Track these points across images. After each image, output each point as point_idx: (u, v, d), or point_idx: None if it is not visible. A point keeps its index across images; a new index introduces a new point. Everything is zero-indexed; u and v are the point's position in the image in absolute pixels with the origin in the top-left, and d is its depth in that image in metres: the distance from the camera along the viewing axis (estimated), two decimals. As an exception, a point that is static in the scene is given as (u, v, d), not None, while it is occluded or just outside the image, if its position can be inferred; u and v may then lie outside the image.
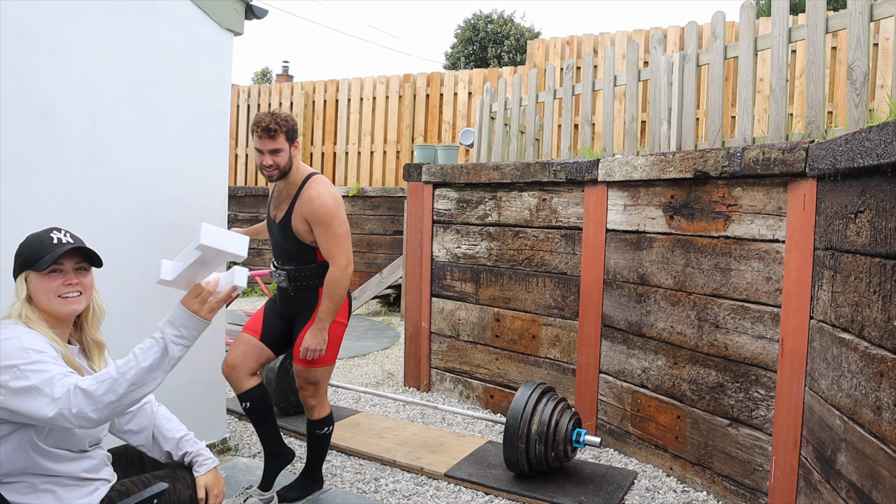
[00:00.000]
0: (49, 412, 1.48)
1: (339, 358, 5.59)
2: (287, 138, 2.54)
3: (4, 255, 2.29)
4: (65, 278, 1.67)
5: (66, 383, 1.51)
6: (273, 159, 2.53)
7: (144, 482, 1.78)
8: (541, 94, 4.61)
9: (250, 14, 3.29)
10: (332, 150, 9.51)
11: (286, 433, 3.68)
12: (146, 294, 2.81)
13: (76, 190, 2.54)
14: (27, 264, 1.66)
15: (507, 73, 8.74)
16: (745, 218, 2.81)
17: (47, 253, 1.64)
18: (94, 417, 1.50)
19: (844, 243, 2.16)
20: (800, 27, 2.98)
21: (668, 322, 3.20)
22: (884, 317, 1.84)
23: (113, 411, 1.53)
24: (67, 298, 1.68)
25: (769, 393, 2.70)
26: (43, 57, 2.39)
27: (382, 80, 9.16)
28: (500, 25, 20.02)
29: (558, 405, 3.07)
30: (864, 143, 1.93)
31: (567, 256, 3.81)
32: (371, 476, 3.16)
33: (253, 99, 10.05)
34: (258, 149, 2.54)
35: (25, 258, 1.67)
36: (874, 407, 1.87)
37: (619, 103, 6.82)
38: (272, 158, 2.53)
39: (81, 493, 1.68)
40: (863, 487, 1.90)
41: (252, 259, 9.53)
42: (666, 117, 3.67)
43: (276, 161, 2.54)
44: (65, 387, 1.50)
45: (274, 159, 2.53)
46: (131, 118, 2.75)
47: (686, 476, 3.12)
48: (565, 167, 3.72)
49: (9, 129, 2.29)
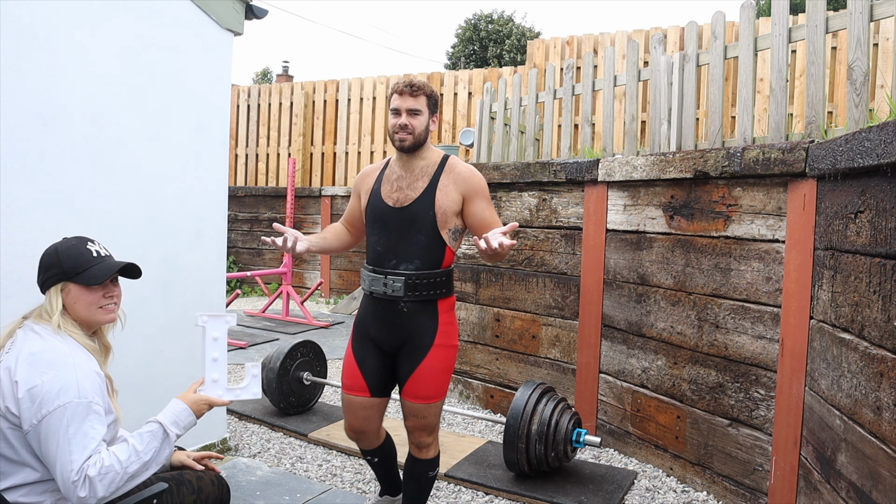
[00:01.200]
0: (61, 480, 1.52)
1: (339, 358, 5.59)
2: (428, 104, 2.24)
3: (4, 255, 2.30)
4: (105, 291, 1.72)
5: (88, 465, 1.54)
6: (409, 120, 2.19)
7: (146, 483, 1.78)
8: (541, 94, 4.61)
9: (250, 14, 3.29)
10: (332, 150, 9.51)
11: (286, 433, 3.69)
12: (146, 294, 2.81)
13: (76, 190, 2.54)
14: (67, 275, 1.67)
15: (507, 73, 8.74)
16: (745, 218, 2.81)
17: (90, 266, 1.68)
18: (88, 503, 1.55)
19: (844, 243, 2.16)
20: (800, 27, 2.99)
21: (668, 322, 3.20)
22: (884, 317, 1.84)
23: (102, 500, 1.58)
24: (107, 308, 1.73)
25: (769, 393, 2.70)
26: (43, 57, 2.40)
27: (382, 80, 9.16)
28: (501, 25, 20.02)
29: (558, 405, 3.07)
30: (864, 143, 1.93)
31: (567, 256, 3.81)
32: (371, 476, 3.16)
33: (253, 99, 10.05)
34: (394, 108, 2.21)
35: (65, 269, 1.67)
36: (874, 407, 1.87)
37: (619, 103, 6.82)
38: (408, 118, 2.19)
39: None
40: (863, 487, 1.90)
41: (252, 259, 9.54)
42: (666, 117, 3.67)
43: (413, 123, 2.19)
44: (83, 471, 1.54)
45: (410, 120, 2.19)
46: (131, 118, 2.75)
47: (686, 476, 3.12)
48: (565, 167, 3.72)
49: (9, 129, 2.29)
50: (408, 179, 2.25)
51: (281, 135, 9.80)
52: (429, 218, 2.18)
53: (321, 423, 3.78)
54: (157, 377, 2.89)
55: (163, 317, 2.92)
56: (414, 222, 2.20)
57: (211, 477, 1.90)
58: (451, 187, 2.21)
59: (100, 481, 1.53)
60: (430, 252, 2.21)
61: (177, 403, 1.75)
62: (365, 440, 2.42)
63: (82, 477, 1.52)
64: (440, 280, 2.22)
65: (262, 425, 3.80)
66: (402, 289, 2.18)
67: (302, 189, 9.07)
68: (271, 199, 9.39)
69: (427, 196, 2.20)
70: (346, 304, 7.97)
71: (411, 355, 2.24)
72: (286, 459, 3.33)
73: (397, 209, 2.23)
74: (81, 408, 1.55)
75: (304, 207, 9.14)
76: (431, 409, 2.27)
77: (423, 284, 2.19)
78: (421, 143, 2.24)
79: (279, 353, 3.84)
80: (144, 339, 2.84)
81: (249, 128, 10.09)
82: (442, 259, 2.23)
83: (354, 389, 2.34)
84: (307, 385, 3.95)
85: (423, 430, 2.30)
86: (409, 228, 2.20)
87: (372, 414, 2.37)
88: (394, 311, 2.23)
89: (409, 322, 2.23)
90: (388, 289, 2.21)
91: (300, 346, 3.96)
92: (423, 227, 2.19)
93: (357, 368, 2.34)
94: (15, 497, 1.59)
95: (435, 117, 2.28)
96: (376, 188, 2.32)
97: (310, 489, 2.93)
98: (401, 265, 2.21)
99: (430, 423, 2.30)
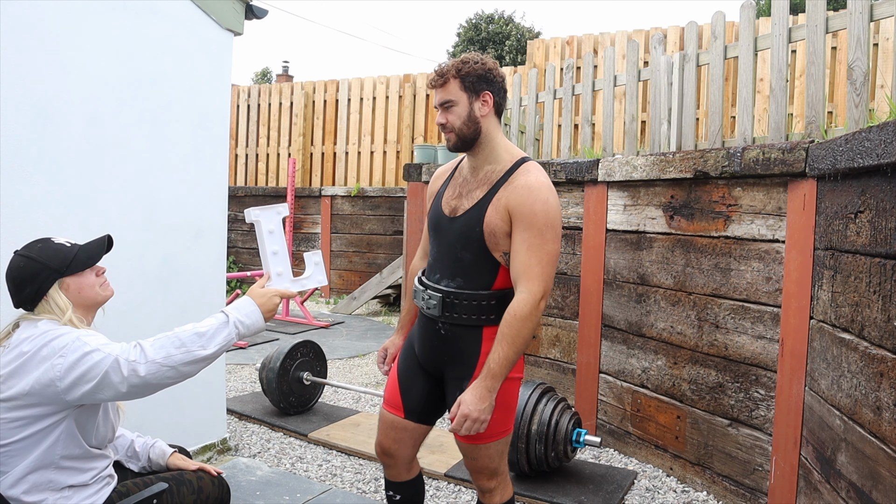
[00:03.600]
0: (109, 359, 1.55)
1: (339, 358, 5.58)
2: (463, 86, 1.79)
3: (4, 255, 2.29)
4: (96, 270, 1.77)
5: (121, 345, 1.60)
6: (446, 116, 1.81)
7: (146, 483, 1.78)
8: (541, 94, 4.61)
9: (250, 14, 3.29)
10: (332, 150, 9.51)
11: (286, 433, 3.69)
12: (146, 294, 2.82)
13: (76, 190, 2.54)
14: (59, 272, 1.67)
15: (507, 73, 8.74)
16: (745, 218, 2.81)
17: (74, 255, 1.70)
18: (142, 374, 1.57)
19: (844, 243, 2.15)
20: (800, 27, 2.99)
21: (668, 322, 3.20)
22: (884, 317, 1.84)
23: (158, 373, 1.58)
24: (104, 285, 1.78)
25: (769, 393, 2.70)
26: (43, 57, 2.39)
27: (382, 80, 9.16)
28: (501, 26, 20.02)
29: (558, 405, 3.07)
30: (864, 143, 1.93)
31: (567, 256, 3.81)
32: (371, 476, 3.16)
33: (253, 99, 10.05)
34: (435, 105, 1.87)
35: (54, 268, 1.67)
36: (874, 407, 1.87)
37: (619, 103, 6.82)
38: (444, 115, 1.82)
39: (87, 493, 1.68)
40: (863, 487, 1.90)
41: (252, 259, 9.54)
42: (666, 117, 3.67)
43: (450, 120, 1.80)
44: (120, 345, 1.59)
45: (447, 116, 1.81)
46: (131, 118, 2.75)
47: (686, 476, 3.12)
48: (565, 167, 3.72)
49: (9, 129, 2.29)
50: (470, 185, 1.88)
51: (281, 135, 9.79)
52: (475, 235, 1.80)
53: (321, 423, 3.78)
54: (157, 377, 2.89)
55: (163, 317, 2.92)
56: (461, 237, 1.83)
57: (211, 477, 1.90)
58: (503, 202, 1.77)
59: (151, 345, 1.59)
60: (478, 272, 1.83)
61: (244, 299, 1.75)
62: (393, 467, 2.07)
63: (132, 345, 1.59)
64: (486, 304, 1.82)
65: (262, 425, 3.80)
66: (439, 307, 1.86)
67: (302, 189, 9.08)
68: (271, 199, 9.39)
69: (479, 209, 1.81)
70: (347, 304, 7.97)
71: (452, 387, 1.91)
72: (286, 459, 3.33)
73: (450, 219, 1.88)
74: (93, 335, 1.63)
75: (304, 207, 9.14)
76: (481, 450, 1.87)
77: (464, 306, 1.83)
78: (472, 138, 1.82)
79: (279, 353, 3.84)
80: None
81: (249, 128, 10.09)
82: (493, 281, 1.83)
83: (390, 405, 2.05)
84: (307, 385, 3.95)
85: (479, 472, 1.92)
86: (457, 243, 1.85)
87: (403, 437, 2.03)
88: (433, 330, 1.92)
89: (449, 347, 1.89)
90: (425, 304, 1.91)
91: (300, 346, 3.96)
92: (470, 245, 1.82)
93: (397, 384, 2.04)
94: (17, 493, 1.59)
95: (486, 96, 1.80)
96: (441, 191, 1.97)
97: (310, 489, 2.93)
98: (442, 281, 1.88)
99: (485, 466, 1.90)
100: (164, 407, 2.80)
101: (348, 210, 8.89)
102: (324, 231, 9.01)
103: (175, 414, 2.97)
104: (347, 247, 8.89)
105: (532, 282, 1.72)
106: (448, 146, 1.86)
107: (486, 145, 1.84)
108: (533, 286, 1.72)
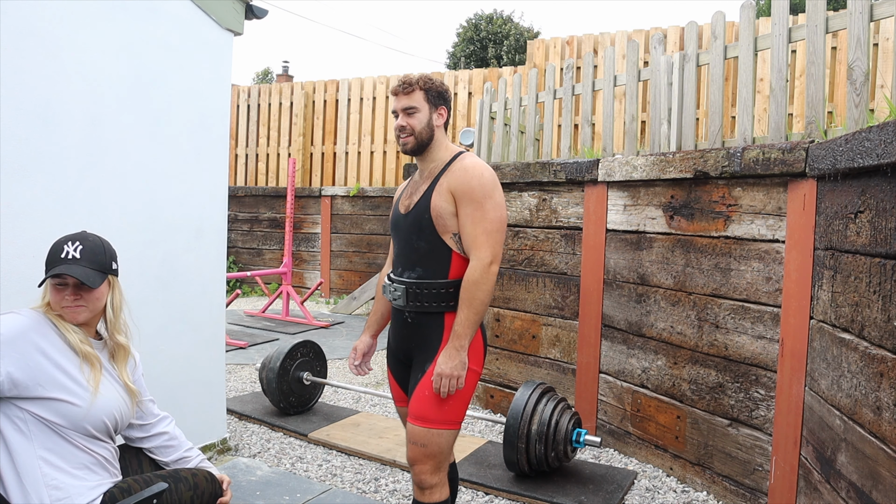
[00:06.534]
0: None
1: (339, 358, 5.59)
2: (427, 98, 2.05)
3: (4, 255, 2.30)
4: (67, 292, 1.70)
5: None
6: (407, 120, 2.04)
7: (147, 481, 1.78)
8: (541, 94, 4.61)
9: (250, 14, 3.29)
10: (332, 150, 9.51)
11: (286, 433, 3.69)
12: (146, 294, 2.82)
13: (76, 190, 2.54)
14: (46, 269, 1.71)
15: (507, 73, 8.74)
16: (745, 218, 2.81)
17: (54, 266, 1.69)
18: None
19: (844, 243, 2.15)
20: (800, 27, 2.98)
21: (668, 322, 3.20)
22: (884, 317, 1.84)
23: None
24: (68, 308, 1.71)
25: (769, 393, 2.70)
26: (43, 57, 2.39)
27: (382, 80, 9.16)
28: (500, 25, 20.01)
29: (558, 405, 3.07)
30: (864, 143, 1.93)
31: (567, 256, 3.81)
32: (371, 476, 3.16)
33: (253, 99, 10.04)
34: (393, 111, 2.09)
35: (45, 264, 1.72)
36: (874, 407, 1.87)
37: (619, 103, 6.82)
38: (405, 119, 2.04)
39: (87, 484, 1.68)
40: (863, 487, 1.90)
41: (252, 259, 9.54)
42: (666, 117, 3.67)
43: (411, 123, 2.03)
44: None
45: (408, 121, 2.03)
46: (131, 118, 2.75)
47: (686, 476, 3.12)
48: (565, 167, 3.72)
49: (9, 129, 2.29)
50: (418, 184, 2.10)
51: (281, 135, 9.79)
52: (426, 222, 2.00)
53: (321, 423, 3.79)
54: (157, 377, 2.89)
55: (162, 317, 2.92)
56: (414, 226, 2.03)
57: (204, 474, 1.92)
58: (445, 186, 2.00)
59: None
60: (435, 259, 2.01)
61: None
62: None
63: None
64: (445, 292, 1.99)
65: (262, 425, 3.80)
66: (403, 297, 2.04)
67: (302, 189, 9.08)
68: (271, 198, 9.39)
69: (426, 198, 2.02)
70: (346, 304, 7.97)
71: (416, 371, 2.05)
72: (286, 459, 3.33)
73: (405, 215, 2.09)
74: None
75: (304, 207, 9.14)
76: (433, 436, 1.95)
77: (425, 294, 2.00)
78: (426, 143, 2.06)
79: (279, 353, 3.84)
80: (144, 339, 2.83)
81: (249, 128, 10.09)
82: (448, 268, 2.00)
83: (399, 400, 2.22)
84: (307, 385, 3.95)
85: (422, 462, 1.96)
86: (412, 234, 2.04)
87: None
88: (402, 320, 2.10)
89: (414, 333, 2.07)
90: (392, 297, 2.08)
91: (300, 346, 3.96)
92: (423, 232, 2.01)
93: (395, 380, 2.22)
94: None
95: (441, 110, 2.08)
96: (398, 197, 2.20)
97: (310, 489, 2.93)
98: (405, 273, 2.06)
99: (433, 455, 1.96)
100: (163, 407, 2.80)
101: (348, 210, 8.89)
102: (324, 231, 9.01)
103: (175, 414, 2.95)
104: (347, 247, 8.89)
105: (479, 249, 1.95)
106: (405, 149, 2.08)
107: (434, 149, 2.09)
108: (481, 252, 1.94)
